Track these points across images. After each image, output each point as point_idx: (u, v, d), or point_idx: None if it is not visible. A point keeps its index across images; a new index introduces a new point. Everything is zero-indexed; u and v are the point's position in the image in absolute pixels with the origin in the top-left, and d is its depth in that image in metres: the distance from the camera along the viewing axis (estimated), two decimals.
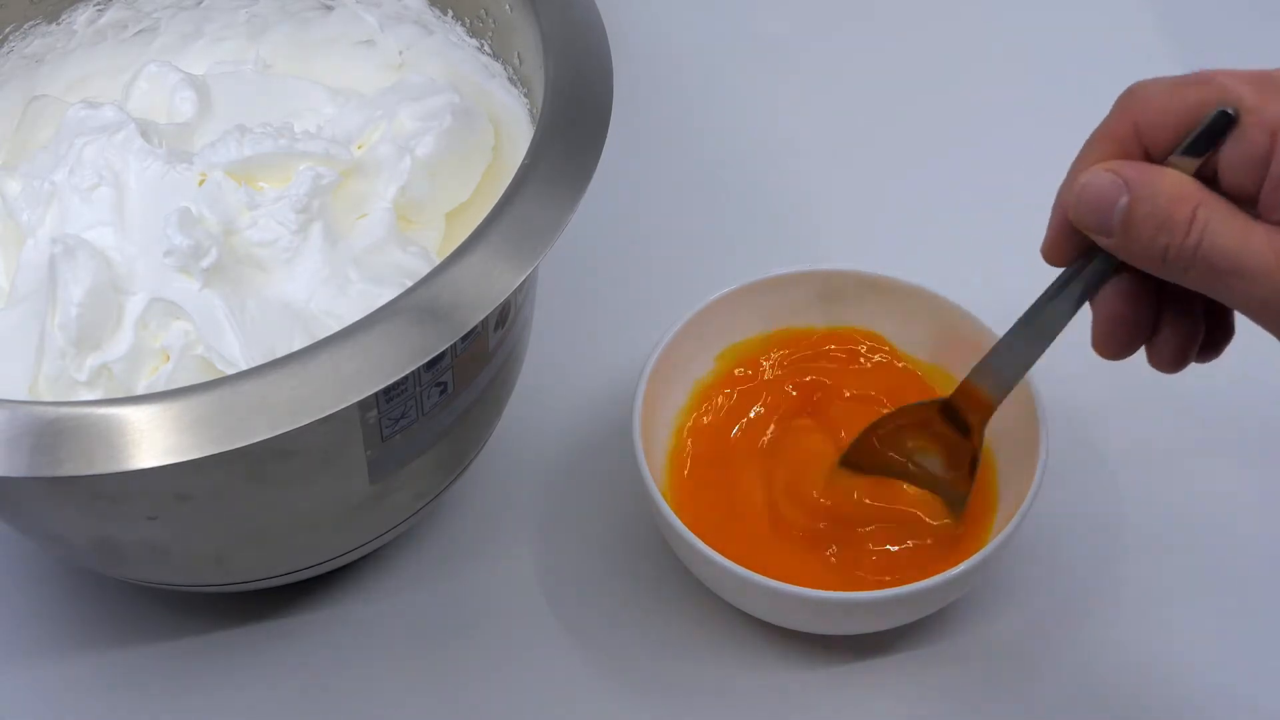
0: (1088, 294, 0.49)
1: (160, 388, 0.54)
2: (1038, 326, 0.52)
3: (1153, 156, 0.46)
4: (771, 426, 0.61)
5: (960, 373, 0.61)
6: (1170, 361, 0.49)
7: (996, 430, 0.60)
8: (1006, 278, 0.65)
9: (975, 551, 0.54)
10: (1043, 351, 0.52)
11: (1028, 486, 0.56)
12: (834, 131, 0.78)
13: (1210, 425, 0.65)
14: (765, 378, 0.62)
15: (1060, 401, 0.59)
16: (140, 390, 0.54)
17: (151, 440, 0.45)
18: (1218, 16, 0.82)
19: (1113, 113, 0.47)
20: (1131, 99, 0.46)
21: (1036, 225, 0.73)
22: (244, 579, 0.58)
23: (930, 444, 0.58)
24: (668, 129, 0.78)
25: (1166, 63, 0.79)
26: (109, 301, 0.55)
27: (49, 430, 0.45)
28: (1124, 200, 0.45)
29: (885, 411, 0.59)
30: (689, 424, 0.61)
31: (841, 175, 0.76)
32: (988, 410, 0.55)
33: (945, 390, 0.61)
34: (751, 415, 0.61)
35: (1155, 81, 0.46)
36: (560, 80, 0.55)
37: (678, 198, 0.75)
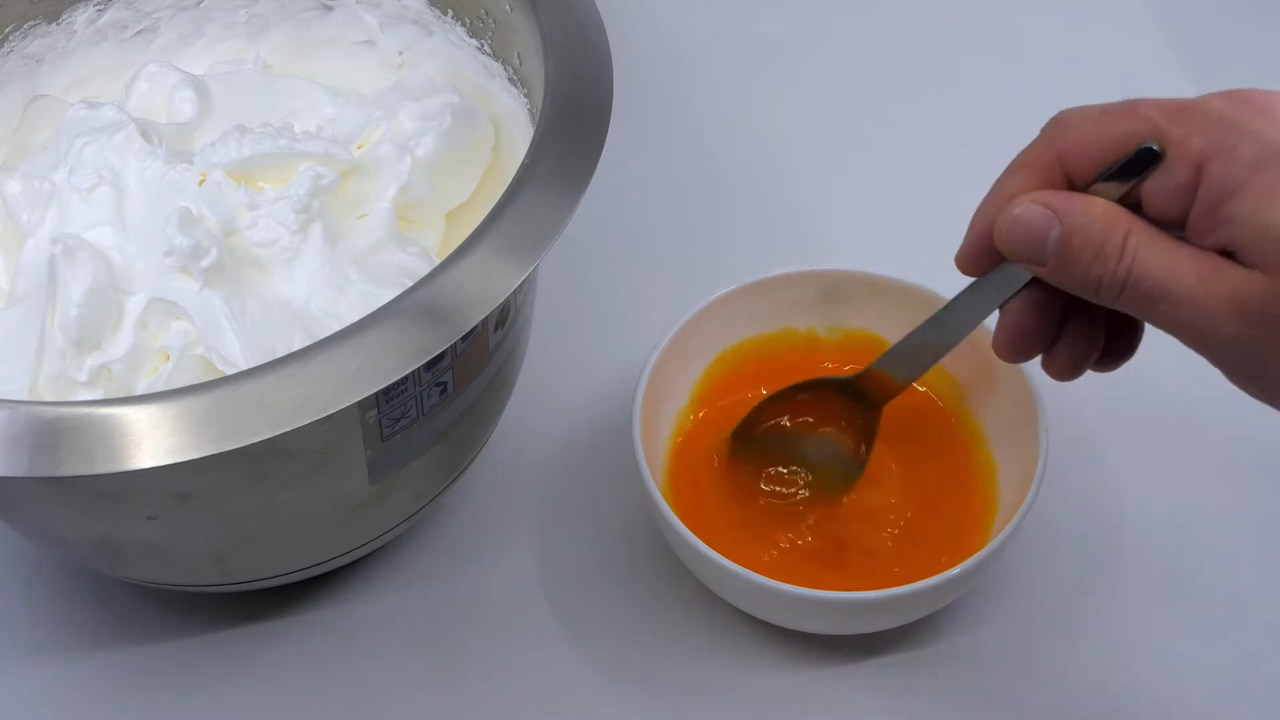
0: (1000, 301, 0.50)
1: (160, 388, 0.54)
2: (949, 326, 0.53)
3: (1074, 184, 0.47)
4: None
5: (959, 372, 0.61)
6: (1064, 371, 0.50)
7: (997, 430, 0.60)
8: None
9: (975, 551, 0.54)
10: (950, 349, 0.54)
11: (1028, 486, 0.56)
12: (834, 131, 0.78)
13: (1210, 426, 0.65)
14: (765, 377, 0.63)
15: (1060, 401, 0.59)
16: (140, 390, 0.54)
17: (151, 440, 0.45)
18: (1218, 17, 0.82)
19: (1038, 140, 0.48)
20: (1057, 127, 0.47)
21: None
22: (244, 579, 0.58)
23: (828, 419, 0.59)
24: (668, 129, 0.78)
25: (1167, 63, 0.80)
26: (109, 301, 0.55)
27: (49, 430, 0.45)
28: (1056, 231, 0.46)
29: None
30: (689, 424, 0.61)
31: (841, 175, 0.76)
32: (891, 393, 0.57)
33: (944, 394, 0.61)
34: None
35: (1081, 110, 0.47)
36: (560, 80, 0.55)
37: (678, 198, 0.75)
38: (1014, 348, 0.50)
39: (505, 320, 0.54)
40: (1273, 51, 0.78)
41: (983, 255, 0.49)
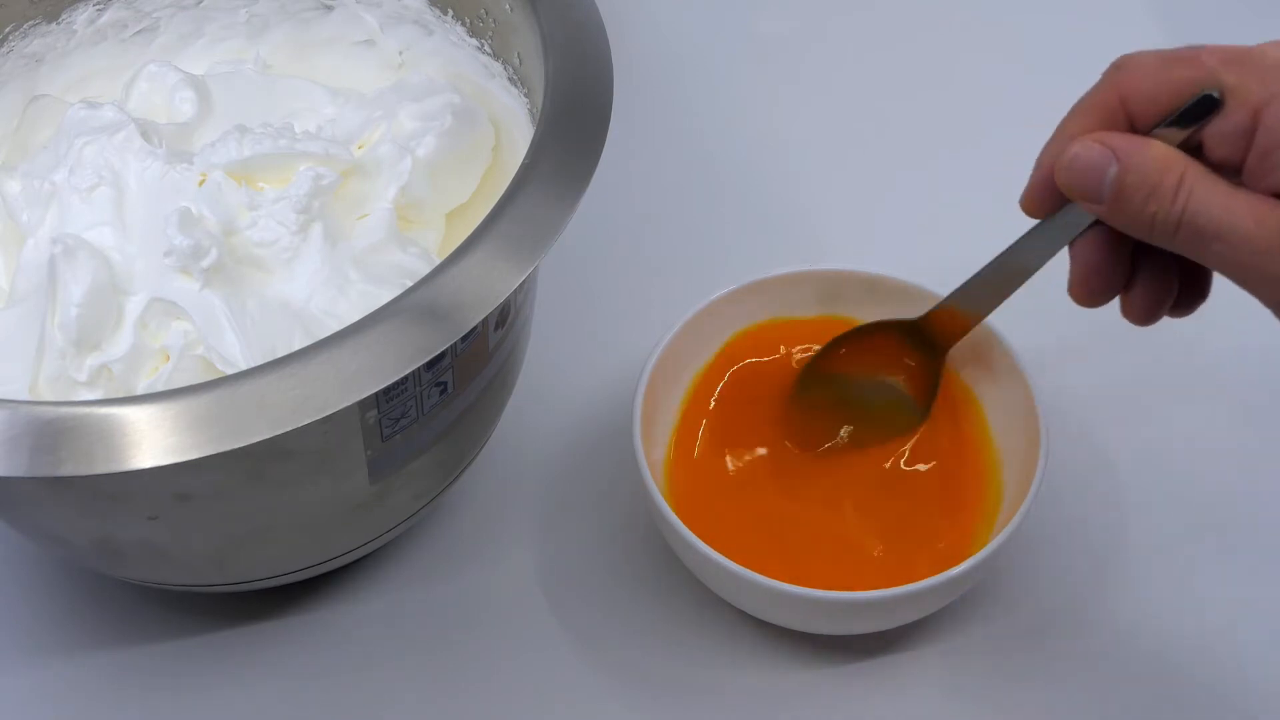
0: (1065, 240, 0.51)
1: (160, 388, 0.54)
2: (1015, 265, 0.54)
3: (1136, 128, 0.48)
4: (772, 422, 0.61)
5: (957, 370, 0.61)
6: (1142, 314, 0.51)
7: (997, 429, 0.60)
8: None
9: (975, 551, 0.54)
10: (1016, 287, 0.54)
11: (1028, 486, 0.56)
12: (834, 131, 0.78)
13: (1210, 423, 0.65)
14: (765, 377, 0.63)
15: (1060, 401, 0.59)
16: (140, 390, 0.54)
17: (151, 440, 0.45)
18: (1218, 17, 0.82)
19: (1100, 83, 0.49)
20: (1119, 72, 0.48)
21: None
22: (244, 579, 0.58)
23: (891, 362, 0.59)
24: (668, 129, 0.78)
25: None
26: (109, 301, 0.55)
27: (49, 430, 0.45)
28: (1113, 170, 0.47)
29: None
30: (689, 424, 0.61)
31: (841, 175, 0.76)
32: (959, 333, 0.58)
33: (950, 394, 0.61)
34: (751, 413, 0.62)
35: (1143, 55, 0.48)
36: (560, 80, 0.55)
37: (678, 198, 0.75)
38: (1089, 288, 0.51)
39: (505, 320, 0.54)
40: None
41: (1046, 196, 0.50)
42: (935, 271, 0.62)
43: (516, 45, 0.60)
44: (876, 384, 0.60)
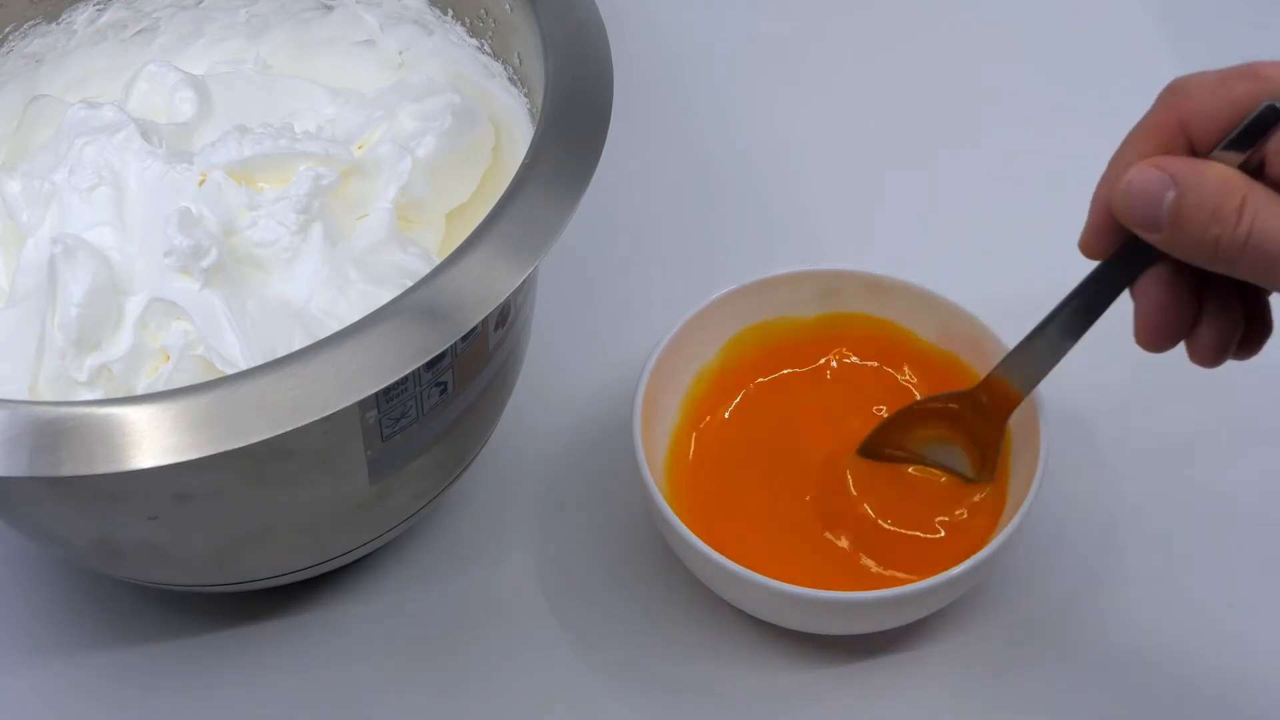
0: (1126, 284, 0.49)
1: (160, 388, 0.54)
2: (1073, 318, 0.52)
3: (1197, 151, 0.46)
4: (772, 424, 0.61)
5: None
6: (1211, 354, 0.49)
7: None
8: (1006, 278, 0.66)
9: (975, 551, 0.54)
10: (1076, 342, 0.53)
11: (1028, 486, 0.56)
12: (834, 131, 0.78)
13: (1211, 422, 0.65)
14: (765, 376, 0.63)
15: (1061, 401, 0.59)
16: (140, 390, 0.54)
17: (151, 440, 0.45)
18: (1218, 17, 0.82)
19: (1155, 107, 0.47)
20: (1174, 94, 0.47)
21: (1037, 225, 0.73)
22: (244, 579, 0.58)
23: (950, 434, 0.58)
24: (668, 129, 0.78)
25: (1166, 63, 0.80)
26: (109, 301, 0.55)
27: (49, 430, 0.45)
28: (1171, 195, 0.45)
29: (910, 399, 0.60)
30: (689, 424, 0.61)
31: (841, 175, 0.76)
32: (1014, 403, 0.56)
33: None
34: (751, 413, 0.62)
35: (1199, 76, 0.47)
36: (560, 80, 0.55)
37: (678, 198, 0.75)
38: (1155, 332, 0.49)
39: (505, 320, 0.54)
40: (1273, 52, 0.77)
41: (1105, 233, 0.49)
42: (935, 271, 0.62)
43: (516, 45, 0.60)
44: (934, 457, 0.59)
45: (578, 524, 0.63)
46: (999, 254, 0.71)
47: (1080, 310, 0.52)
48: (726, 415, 0.62)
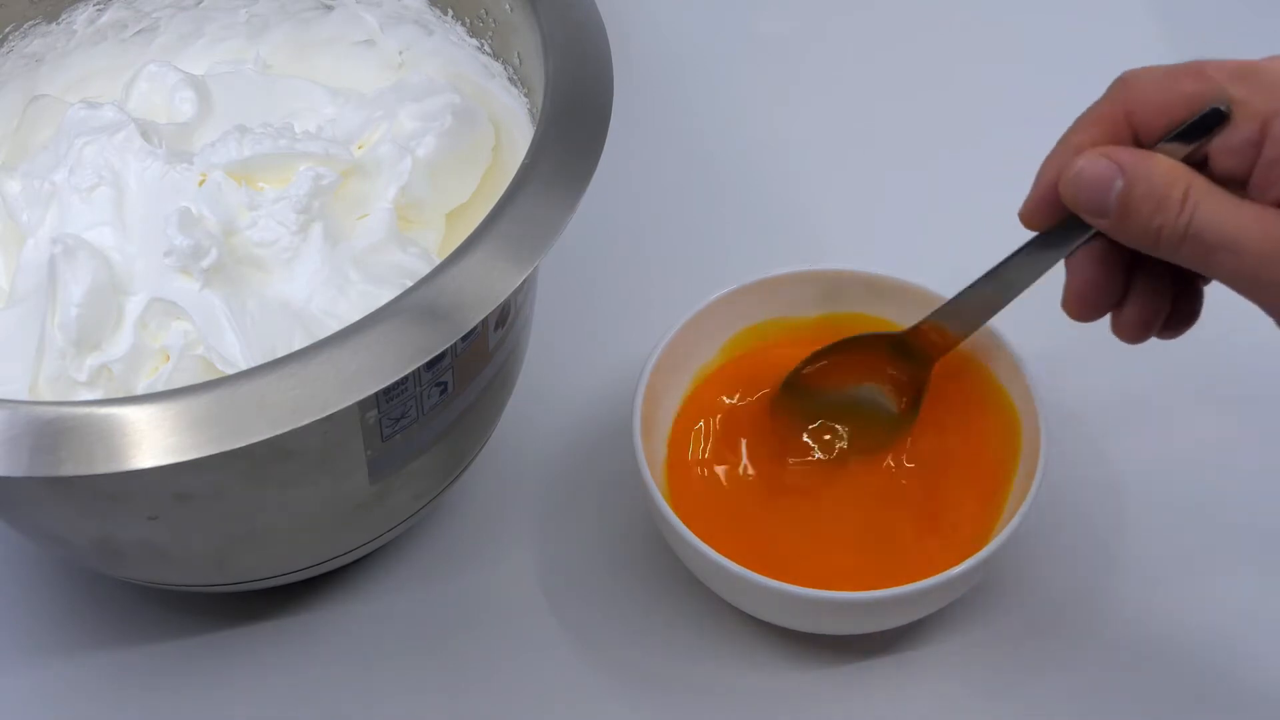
0: (1061, 256, 0.51)
1: (160, 388, 0.54)
2: (1009, 279, 0.54)
3: (1140, 141, 0.48)
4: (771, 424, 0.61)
5: (957, 372, 0.61)
6: (1132, 331, 0.51)
7: (998, 430, 0.60)
8: None
9: (975, 551, 0.54)
10: (1007, 302, 0.54)
11: (1028, 486, 0.56)
12: (834, 131, 0.78)
13: (1211, 423, 0.65)
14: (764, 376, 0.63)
15: (1060, 400, 0.59)
16: (140, 390, 0.54)
17: (151, 440, 0.45)
18: (1218, 17, 0.82)
19: (1104, 97, 0.49)
20: (1124, 87, 0.49)
21: None
22: (244, 579, 0.58)
23: (875, 375, 0.60)
24: (668, 129, 0.78)
25: (1166, 62, 0.79)
26: (109, 301, 0.55)
27: (49, 430, 0.45)
28: (1119, 183, 0.47)
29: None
30: (689, 423, 0.61)
31: (841, 175, 0.76)
32: (945, 348, 0.58)
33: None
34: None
35: (1148, 71, 0.49)
36: (560, 80, 0.55)
37: (678, 198, 0.75)
38: (1083, 303, 0.51)
39: (505, 320, 0.54)
40: (1273, 52, 0.77)
41: (1047, 209, 0.51)
42: (935, 271, 0.62)
43: (516, 45, 0.60)
44: (858, 395, 0.60)
45: (578, 524, 0.63)
46: (999, 254, 0.70)
47: (1017, 272, 0.53)
48: (727, 414, 0.62)
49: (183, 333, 0.54)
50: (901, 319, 0.62)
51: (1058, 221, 0.51)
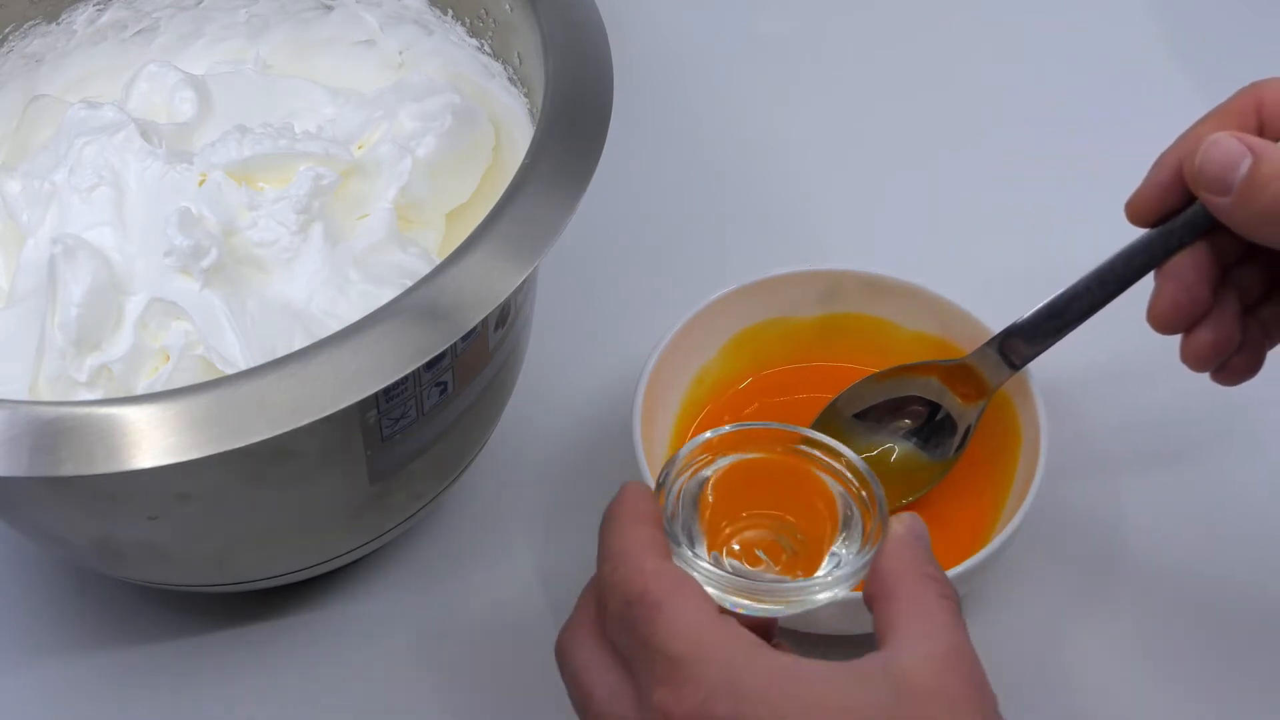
0: (1166, 253, 0.51)
1: (160, 388, 0.54)
2: (1111, 277, 0.53)
3: (1266, 136, 0.49)
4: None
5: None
6: (1202, 352, 0.52)
7: (999, 429, 0.60)
8: (1006, 277, 0.66)
9: (976, 551, 0.54)
10: (1106, 303, 0.54)
11: (1028, 486, 0.56)
12: (834, 131, 0.78)
13: (1212, 422, 0.65)
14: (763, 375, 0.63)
15: (1061, 401, 0.59)
16: (140, 390, 0.54)
17: (151, 440, 0.45)
18: (1218, 17, 0.82)
19: (1234, 96, 0.50)
20: (1255, 87, 0.50)
21: (1038, 225, 0.73)
22: (244, 579, 0.58)
23: (925, 411, 0.59)
24: (668, 129, 0.78)
25: (1166, 63, 0.80)
26: (109, 301, 0.55)
27: (49, 430, 0.45)
28: (1248, 161, 0.47)
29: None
30: (689, 424, 0.61)
31: (841, 175, 0.76)
32: (1022, 362, 0.57)
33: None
34: (750, 411, 0.62)
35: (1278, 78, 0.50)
36: (560, 80, 0.55)
37: (678, 198, 0.75)
38: (1177, 310, 0.51)
39: (505, 320, 0.54)
40: (1273, 51, 0.77)
41: (1159, 198, 0.51)
42: (935, 271, 0.62)
43: (516, 45, 0.60)
44: (894, 441, 0.60)
45: (578, 524, 0.63)
46: (999, 254, 0.71)
47: (1115, 275, 0.53)
48: (726, 415, 0.62)
49: (183, 333, 0.54)
50: (901, 319, 0.62)
51: (1161, 220, 0.51)
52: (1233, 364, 0.52)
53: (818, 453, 0.47)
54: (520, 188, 0.51)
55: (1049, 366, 0.57)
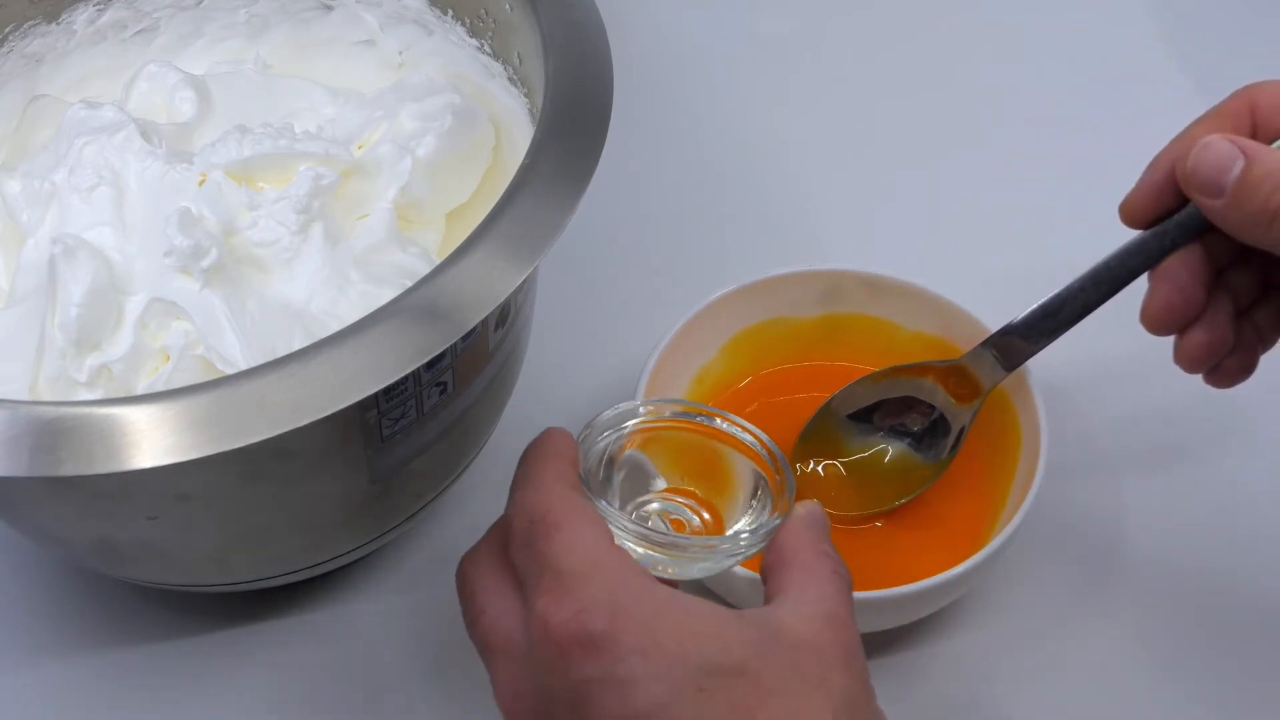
0: (1159, 255, 0.52)
1: (160, 388, 0.54)
2: (1106, 278, 0.54)
3: (1261, 139, 0.49)
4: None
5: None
6: (1196, 353, 0.52)
7: (999, 429, 0.60)
8: (1006, 277, 0.66)
9: (975, 551, 0.54)
10: (1099, 305, 0.54)
11: (1028, 486, 0.56)
12: (834, 131, 0.78)
13: (1212, 423, 0.65)
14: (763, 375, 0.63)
15: (1060, 401, 0.59)
16: (140, 390, 0.54)
17: (151, 440, 0.45)
18: (1218, 17, 0.82)
19: (1228, 98, 0.51)
20: (1249, 90, 0.50)
21: (1038, 225, 0.73)
22: (244, 579, 0.58)
23: (920, 411, 0.59)
24: (668, 129, 0.78)
25: (1166, 63, 0.80)
26: (109, 301, 0.55)
27: (49, 430, 0.45)
28: (1240, 163, 0.48)
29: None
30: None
31: (841, 175, 0.76)
32: (1015, 363, 0.57)
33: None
34: (750, 411, 0.62)
35: (1274, 81, 0.51)
36: (560, 80, 0.55)
37: (678, 198, 0.75)
38: (1170, 311, 0.51)
39: (505, 320, 0.54)
40: (1273, 51, 0.77)
41: (1153, 199, 0.51)
42: (935, 271, 0.62)
43: (516, 45, 0.60)
44: (888, 442, 0.60)
45: None
46: (1000, 254, 0.71)
47: (1109, 277, 0.53)
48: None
49: (183, 333, 0.54)
50: (901, 319, 0.62)
51: (1155, 221, 0.51)
52: (1226, 366, 0.53)
53: (737, 432, 0.49)
54: (520, 188, 0.51)
55: (1048, 366, 0.57)
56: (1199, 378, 0.53)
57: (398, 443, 0.53)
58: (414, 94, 0.61)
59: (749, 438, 0.49)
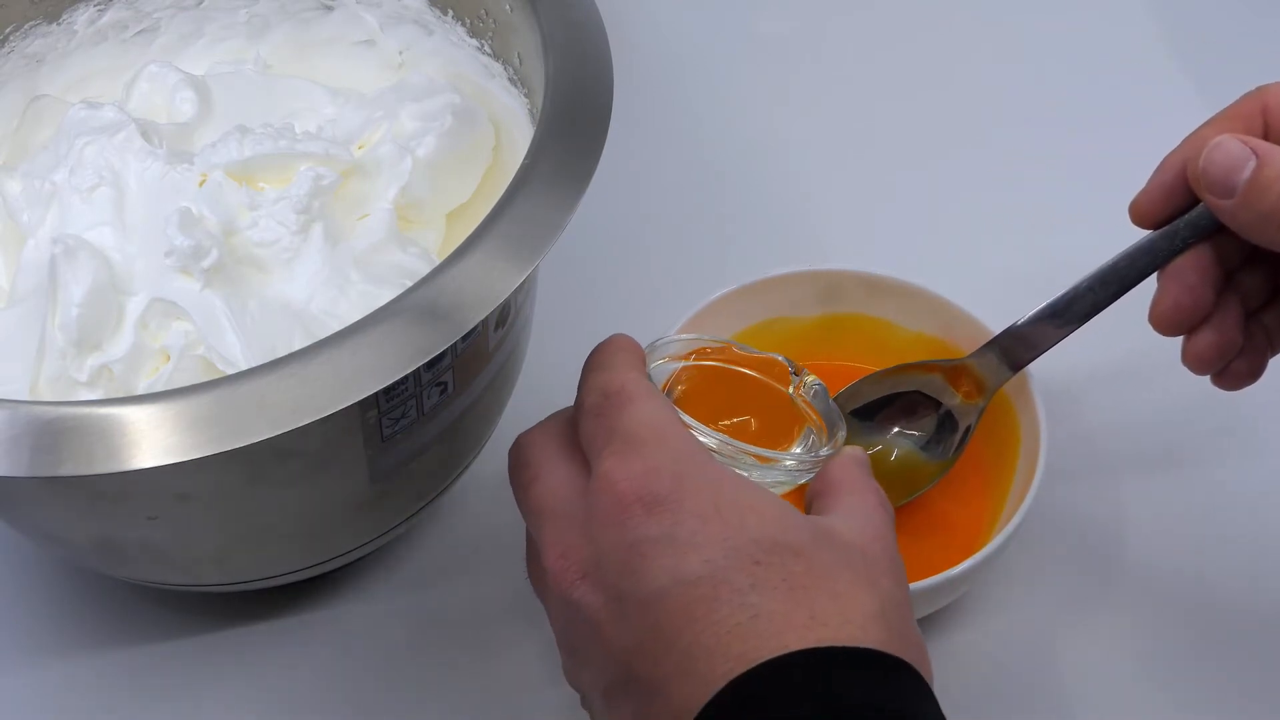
0: (1169, 255, 0.52)
1: (160, 388, 0.54)
2: (1114, 278, 0.53)
3: (1271, 140, 0.49)
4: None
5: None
6: (1204, 353, 0.52)
7: (999, 429, 0.60)
8: (1006, 278, 0.66)
9: (975, 551, 0.54)
10: (1110, 303, 0.54)
11: (1028, 486, 0.56)
12: (834, 131, 0.78)
13: (1212, 423, 0.65)
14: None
15: (1060, 402, 0.59)
16: (140, 390, 0.54)
17: (151, 440, 0.45)
18: (1218, 17, 0.82)
19: (1239, 100, 0.51)
20: (1260, 91, 0.50)
21: (1038, 225, 0.73)
22: (244, 579, 0.58)
23: (925, 410, 0.59)
24: (668, 129, 0.78)
25: (1167, 63, 0.80)
26: (109, 302, 0.55)
27: (49, 430, 0.45)
28: (1252, 164, 0.48)
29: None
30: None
31: (841, 175, 0.76)
32: (1024, 362, 0.57)
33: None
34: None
35: None
36: (560, 80, 0.55)
37: (678, 198, 0.75)
38: (1179, 311, 0.51)
39: (505, 320, 0.54)
40: (1273, 51, 0.78)
41: (1163, 200, 0.51)
42: (935, 271, 0.62)
43: (516, 45, 0.60)
44: (894, 441, 0.60)
45: None
46: (1000, 254, 0.71)
47: (1118, 276, 0.53)
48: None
49: (183, 333, 0.54)
50: (901, 319, 0.62)
51: (1165, 222, 0.51)
52: (1234, 368, 0.53)
53: (792, 371, 0.51)
54: (520, 188, 0.51)
55: (1049, 367, 0.57)
56: (1200, 380, 0.53)
57: (398, 443, 0.53)
58: (414, 94, 0.61)
59: (811, 379, 0.51)
